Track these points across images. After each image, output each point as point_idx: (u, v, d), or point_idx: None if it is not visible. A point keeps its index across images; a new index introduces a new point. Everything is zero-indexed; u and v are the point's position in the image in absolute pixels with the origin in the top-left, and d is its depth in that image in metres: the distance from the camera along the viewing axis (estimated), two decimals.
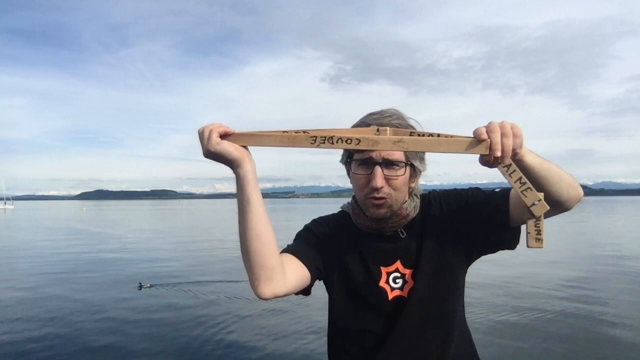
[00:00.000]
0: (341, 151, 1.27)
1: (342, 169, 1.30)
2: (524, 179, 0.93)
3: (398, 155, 1.17)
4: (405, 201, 1.25)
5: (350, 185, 1.28)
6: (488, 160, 0.93)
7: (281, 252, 1.21)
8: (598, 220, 30.32)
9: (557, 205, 1.09)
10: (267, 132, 1.02)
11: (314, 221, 1.39)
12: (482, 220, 1.21)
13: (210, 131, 1.02)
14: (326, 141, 0.98)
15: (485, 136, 0.91)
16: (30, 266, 11.59)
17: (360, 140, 0.97)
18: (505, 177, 0.94)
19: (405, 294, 1.26)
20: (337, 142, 0.98)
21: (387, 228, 1.26)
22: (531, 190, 0.93)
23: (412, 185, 1.26)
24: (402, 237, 1.28)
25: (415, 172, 1.24)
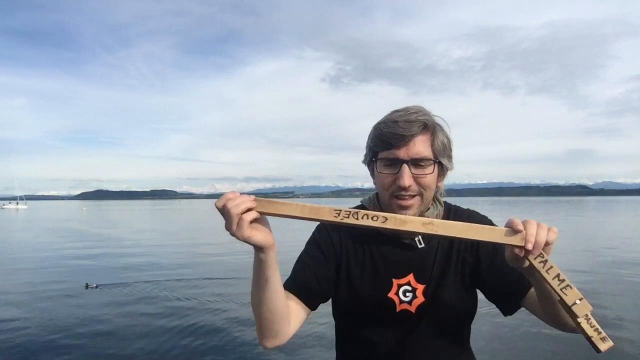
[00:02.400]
0: (363, 153, 1.23)
1: (342, 170, 1.27)
2: (562, 276, 0.87)
3: (426, 153, 1.13)
4: (429, 208, 1.21)
5: (349, 185, 1.26)
6: (518, 254, 0.89)
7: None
8: (597, 221, 30.31)
9: (559, 326, 1.09)
10: (288, 202, 0.97)
11: (321, 228, 1.30)
12: (498, 284, 1.20)
13: (241, 219, 0.91)
14: (350, 216, 0.93)
15: (520, 227, 0.88)
16: (26, 266, 11.58)
17: (387, 219, 0.92)
18: (542, 274, 0.88)
19: (412, 309, 1.21)
20: (362, 217, 0.93)
21: (406, 234, 1.21)
22: (571, 288, 0.86)
23: (439, 184, 1.21)
24: (420, 246, 1.22)
25: (442, 171, 1.19)
